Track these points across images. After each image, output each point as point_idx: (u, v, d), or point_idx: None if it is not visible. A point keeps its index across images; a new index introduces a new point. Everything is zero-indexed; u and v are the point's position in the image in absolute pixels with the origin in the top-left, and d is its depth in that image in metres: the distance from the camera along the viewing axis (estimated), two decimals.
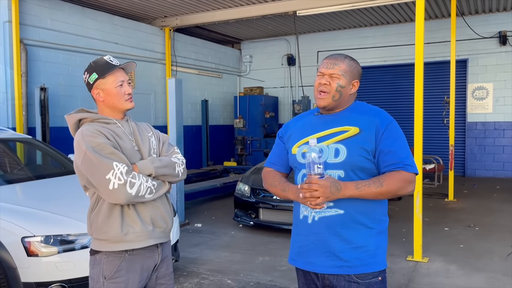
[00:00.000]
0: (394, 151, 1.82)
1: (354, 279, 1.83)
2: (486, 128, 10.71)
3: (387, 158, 1.83)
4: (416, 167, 1.85)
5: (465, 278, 4.32)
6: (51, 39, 7.83)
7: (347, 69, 1.90)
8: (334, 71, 1.89)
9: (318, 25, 11.52)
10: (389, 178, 1.79)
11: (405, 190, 1.83)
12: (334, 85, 1.89)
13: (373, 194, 1.79)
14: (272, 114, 12.43)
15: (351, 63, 1.93)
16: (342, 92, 1.90)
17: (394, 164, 1.81)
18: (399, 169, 1.81)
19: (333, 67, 1.90)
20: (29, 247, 3.14)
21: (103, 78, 2.01)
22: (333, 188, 1.74)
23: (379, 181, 1.78)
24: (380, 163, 1.84)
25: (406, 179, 1.81)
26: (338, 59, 1.92)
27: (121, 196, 1.88)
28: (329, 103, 1.92)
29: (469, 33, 10.21)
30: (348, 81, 1.90)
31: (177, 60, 10.73)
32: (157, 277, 2.12)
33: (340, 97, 1.91)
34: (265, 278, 4.40)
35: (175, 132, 6.43)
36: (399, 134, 1.88)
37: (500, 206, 7.43)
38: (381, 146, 1.83)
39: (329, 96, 1.90)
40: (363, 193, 1.78)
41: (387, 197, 1.85)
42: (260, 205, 5.96)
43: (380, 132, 1.84)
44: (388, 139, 1.84)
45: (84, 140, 1.91)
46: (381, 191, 1.78)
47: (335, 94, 1.90)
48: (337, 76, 1.89)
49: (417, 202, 4.85)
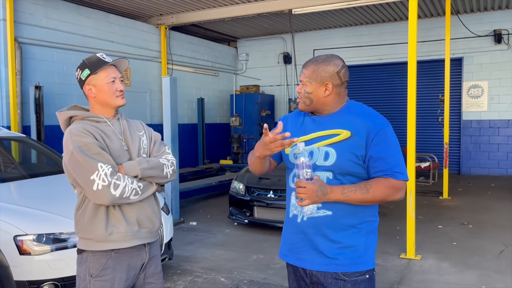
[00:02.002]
0: (384, 158, 1.80)
1: (341, 277, 1.85)
2: (481, 126, 10.75)
3: (376, 164, 1.81)
4: (406, 175, 1.83)
5: (457, 275, 4.35)
6: (46, 37, 7.81)
7: (311, 74, 1.88)
8: (301, 78, 1.94)
9: (314, 23, 11.52)
10: (376, 184, 1.79)
11: (393, 197, 1.83)
12: (302, 91, 1.93)
13: (359, 200, 1.80)
14: (268, 113, 12.43)
15: (316, 67, 1.88)
16: (312, 98, 1.89)
17: (383, 171, 1.80)
18: (387, 176, 1.80)
19: (301, 74, 1.94)
20: (22, 246, 3.15)
21: (95, 74, 2.01)
22: (319, 192, 1.76)
23: (366, 188, 1.78)
24: (370, 169, 1.83)
25: (394, 186, 1.80)
26: (306, 66, 1.92)
27: (105, 198, 1.88)
28: (303, 108, 1.96)
29: (464, 32, 10.24)
30: (315, 86, 1.87)
31: (173, 58, 10.72)
32: (145, 276, 2.12)
33: (311, 102, 1.91)
34: (259, 276, 4.42)
35: (170, 130, 6.43)
36: (391, 140, 1.84)
37: (495, 204, 7.47)
38: (371, 151, 1.81)
39: (301, 102, 1.94)
40: (348, 198, 1.79)
41: (373, 203, 1.86)
42: (255, 203, 5.97)
43: (371, 138, 1.81)
44: (378, 145, 1.81)
45: (72, 139, 1.92)
46: (366, 198, 1.79)
47: (305, 100, 1.92)
48: (304, 82, 1.92)
49: (410, 200, 4.87)
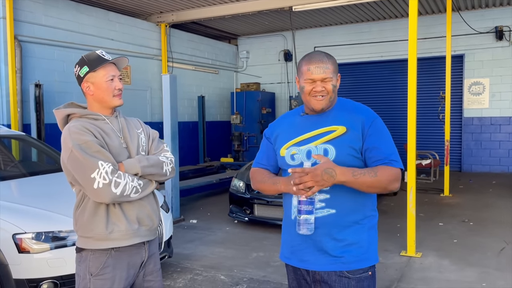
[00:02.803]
0: (379, 147, 1.85)
1: (345, 274, 1.85)
2: (482, 123, 10.72)
3: (372, 154, 1.84)
4: (401, 163, 1.86)
5: (458, 272, 4.34)
6: (45, 35, 7.79)
7: (334, 68, 1.90)
8: (326, 75, 1.86)
9: (315, 20, 11.49)
10: (381, 169, 1.80)
11: (392, 185, 1.84)
12: (329, 87, 1.88)
13: (368, 183, 1.78)
14: (269, 110, 12.42)
15: (333, 59, 1.93)
16: (336, 91, 1.93)
17: (380, 160, 1.82)
18: (385, 165, 1.82)
19: (324, 71, 1.86)
20: (21, 244, 3.14)
21: (94, 71, 2.00)
22: (325, 176, 1.72)
23: (373, 171, 1.79)
24: (367, 160, 1.86)
25: (393, 174, 1.82)
26: (325, 61, 1.87)
27: (106, 196, 1.87)
28: (326, 104, 1.91)
29: (465, 28, 10.20)
30: (336, 78, 1.92)
31: (173, 56, 10.70)
32: (144, 274, 2.12)
33: (336, 96, 1.95)
34: (259, 274, 4.42)
35: (170, 128, 6.42)
36: (383, 130, 1.90)
37: (496, 202, 7.45)
38: (366, 143, 1.85)
39: (327, 98, 1.89)
40: (357, 181, 1.77)
41: (377, 191, 1.84)
42: (255, 201, 5.97)
43: (366, 130, 1.86)
44: (373, 136, 1.85)
45: (71, 137, 1.90)
46: (374, 182, 1.78)
47: (331, 96, 1.90)
48: (329, 78, 1.87)
49: (411, 197, 4.86)
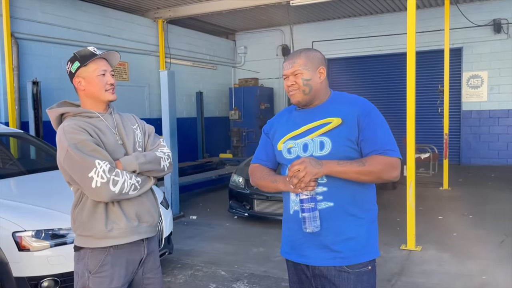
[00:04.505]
0: (375, 138, 1.84)
1: (345, 269, 1.85)
2: (481, 116, 10.72)
3: (368, 145, 1.85)
4: (398, 152, 1.86)
5: (458, 265, 4.35)
6: (42, 32, 7.76)
7: (306, 61, 1.92)
8: (294, 69, 1.92)
9: (312, 15, 11.45)
10: (371, 159, 1.81)
11: (389, 175, 1.83)
12: (299, 81, 1.92)
13: (355, 172, 1.79)
14: (268, 106, 12.39)
15: (308, 54, 1.95)
16: (311, 85, 1.92)
17: (375, 150, 1.82)
18: (379, 154, 1.82)
19: (292, 66, 1.93)
20: (20, 242, 3.13)
21: (85, 66, 1.98)
22: (313, 162, 1.76)
23: (361, 161, 1.81)
24: (363, 150, 1.86)
25: (388, 163, 1.82)
26: (295, 56, 1.94)
27: (104, 194, 1.86)
28: (302, 97, 1.94)
29: (463, 21, 10.17)
30: (312, 72, 1.92)
31: (171, 52, 10.66)
32: (143, 271, 2.10)
33: (311, 89, 1.93)
34: (259, 269, 4.42)
35: (168, 124, 6.40)
36: (380, 120, 1.90)
37: (495, 195, 7.46)
38: (362, 133, 1.85)
39: (300, 92, 1.93)
40: (344, 169, 1.78)
41: (370, 179, 1.84)
42: (255, 196, 5.96)
43: (361, 120, 1.86)
44: (368, 127, 1.85)
45: (66, 137, 1.88)
46: (362, 170, 1.79)
47: (304, 89, 1.92)
48: (299, 72, 1.91)
49: (410, 191, 4.86)
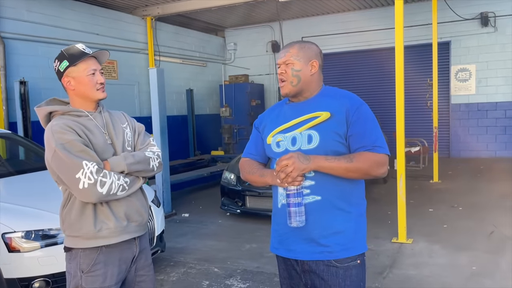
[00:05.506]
0: (363, 134, 1.84)
1: (333, 264, 1.86)
2: (469, 109, 10.82)
3: (356, 141, 1.85)
4: (386, 149, 1.86)
5: (448, 257, 4.40)
6: (29, 31, 7.66)
7: (299, 52, 1.93)
8: (286, 58, 1.93)
9: (302, 10, 11.44)
10: (359, 155, 1.81)
11: (377, 171, 1.84)
12: (289, 71, 1.93)
13: (343, 168, 1.79)
14: (258, 102, 12.38)
15: (302, 45, 1.95)
16: (300, 76, 1.92)
17: (364, 147, 1.83)
18: (368, 151, 1.82)
19: (285, 55, 1.94)
20: (10, 243, 3.11)
21: (74, 65, 1.96)
22: (301, 157, 1.76)
23: (349, 157, 1.81)
24: (351, 145, 1.86)
25: (376, 160, 1.82)
26: (289, 46, 1.96)
27: (92, 196, 1.85)
28: (290, 89, 1.94)
29: (451, 15, 10.24)
30: (303, 63, 1.92)
31: (160, 50, 10.60)
32: (136, 269, 2.10)
33: (299, 81, 1.93)
34: (252, 265, 4.43)
35: (159, 122, 6.37)
36: (369, 116, 1.89)
37: (484, 186, 7.55)
38: (351, 128, 1.85)
39: (288, 83, 1.94)
40: (332, 165, 1.79)
41: (357, 176, 1.85)
42: (247, 192, 5.97)
43: (350, 116, 1.85)
44: (357, 122, 1.85)
45: (54, 136, 1.86)
46: (350, 166, 1.79)
47: (292, 80, 1.93)
48: (290, 61, 1.92)
49: (401, 184, 4.89)
